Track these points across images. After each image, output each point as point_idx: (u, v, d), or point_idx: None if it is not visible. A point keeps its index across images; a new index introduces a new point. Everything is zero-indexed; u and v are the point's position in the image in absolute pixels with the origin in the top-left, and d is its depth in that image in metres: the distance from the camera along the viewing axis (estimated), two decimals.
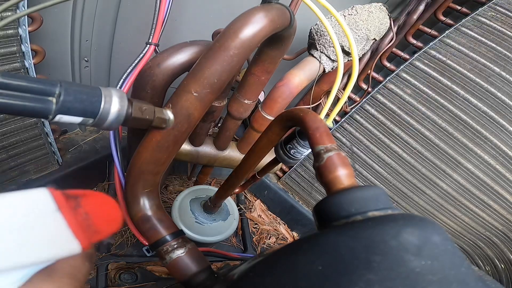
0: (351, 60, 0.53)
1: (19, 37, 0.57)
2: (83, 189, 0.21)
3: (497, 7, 0.70)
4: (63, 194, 0.20)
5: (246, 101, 0.59)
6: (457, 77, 0.75)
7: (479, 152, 0.77)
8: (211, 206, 0.77)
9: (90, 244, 0.20)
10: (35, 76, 0.65)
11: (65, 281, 0.20)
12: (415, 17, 0.76)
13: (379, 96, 0.84)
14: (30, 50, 0.60)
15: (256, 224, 1.11)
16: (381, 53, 0.81)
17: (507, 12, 0.69)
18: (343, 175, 0.23)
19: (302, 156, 0.40)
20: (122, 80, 0.46)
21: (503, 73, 0.71)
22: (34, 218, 0.18)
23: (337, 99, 0.80)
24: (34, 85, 0.23)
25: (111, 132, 0.45)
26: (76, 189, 0.21)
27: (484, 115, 0.74)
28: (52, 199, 0.19)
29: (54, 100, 0.24)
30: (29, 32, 0.58)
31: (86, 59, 0.83)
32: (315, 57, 0.70)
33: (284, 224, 1.16)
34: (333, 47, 0.66)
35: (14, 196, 0.18)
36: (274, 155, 0.43)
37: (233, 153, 0.78)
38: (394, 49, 0.82)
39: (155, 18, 0.45)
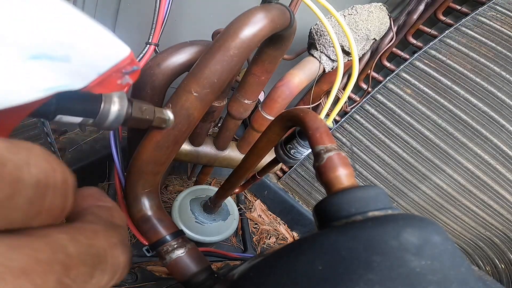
0: (351, 60, 0.53)
1: None
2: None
3: (497, 7, 0.70)
4: None
5: (246, 101, 0.59)
6: (457, 77, 0.75)
7: (479, 152, 0.77)
8: (211, 206, 0.77)
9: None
10: None
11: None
12: (415, 17, 0.76)
13: (379, 96, 0.84)
14: None
15: (256, 224, 1.11)
16: (381, 53, 0.81)
17: (507, 12, 0.69)
18: (343, 175, 0.23)
19: (302, 156, 0.39)
20: None
21: (503, 73, 0.71)
22: None
23: (337, 99, 0.80)
24: None
25: (111, 132, 0.45)
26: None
27: (484, 115, 0.74)
28: None
29: (54, 100, 0.24)
30: None
31: None
32: (315, 57, 0.70)
33: (284, 224, 1.16)
34: (333, 47, 0.66)
35: None
36: (274, 155, 0.43)
37: (233, 153, 0.78)
38: (394, 49, 0.82)
39: (155, 18, 0.45)
